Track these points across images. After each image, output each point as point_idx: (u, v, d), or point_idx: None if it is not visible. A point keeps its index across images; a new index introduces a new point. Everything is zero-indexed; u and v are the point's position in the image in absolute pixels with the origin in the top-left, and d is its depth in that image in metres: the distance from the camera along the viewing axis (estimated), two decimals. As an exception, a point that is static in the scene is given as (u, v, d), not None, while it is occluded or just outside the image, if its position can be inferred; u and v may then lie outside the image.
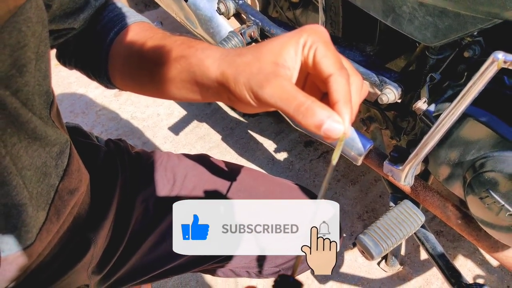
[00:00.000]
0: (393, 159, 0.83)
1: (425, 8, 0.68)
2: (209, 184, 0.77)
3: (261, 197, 0.76)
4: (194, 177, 0.77)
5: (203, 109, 1.73)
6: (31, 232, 0.49)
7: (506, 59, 0.55)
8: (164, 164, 0.77)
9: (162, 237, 0.73)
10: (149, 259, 0.74)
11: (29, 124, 0.44)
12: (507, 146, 0.67)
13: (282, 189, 0.80)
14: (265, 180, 0.81)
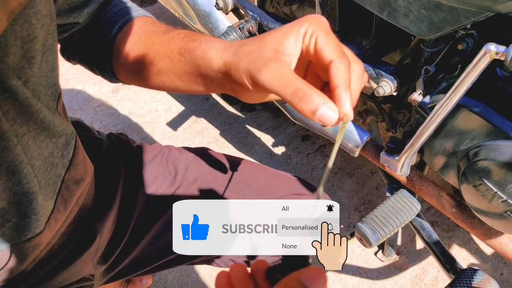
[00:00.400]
0: (390, 150, 0.85)
1: (419, 1, 0.69)
2: (210, 176, 0.79)
3: (260, 189, 0.78)
4: (195, 169, 0.78)
5: (201, 104, 1.74)
6: (41, 220, 0.50)
7: (497, 51, 0.57)
8: (166, 157, 0.79)
9: (164, 229, 0.75)
10: (151, 250, 0.76)
11: (38, 115, 0.46)
12: (500, 135, 0.69)
13: (281, 180, 0.82)
14: (264, 172, 0.83)
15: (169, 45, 0.51)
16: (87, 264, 0.67)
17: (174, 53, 0.50)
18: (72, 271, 0.64)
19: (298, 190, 0.81)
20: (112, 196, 0.70)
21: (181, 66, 0.49)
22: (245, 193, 0.78)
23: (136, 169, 0.75)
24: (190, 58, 0.48)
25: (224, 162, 0.82)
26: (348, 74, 0.38)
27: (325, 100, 0.36)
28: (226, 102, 1.75)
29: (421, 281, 1.26)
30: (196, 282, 1.29)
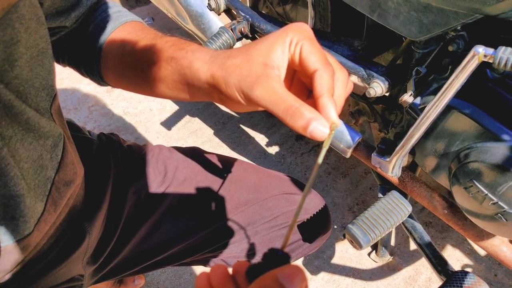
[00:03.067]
0: (381, 151, 0.85)
1: (409, 3, 0.69)
2: (199, 175, 0.78)
3: (251, 188, 0.78)
4: (185, 169, 0.78)
5: (195, 104, 1.74)
6: (29, 223, 0.50)
7: (486, 53, 0.57)
8: (156, 157, 0.79)
9: (154, 228, 0.75)
10: (141, 249, 0.75)
11: (23, 116, 0.45)
12: (490, 137, 0.69)
13: (272, 180, 0.82)
14: (255, 171, 0.82)
15: (156, 53, 0.51)
16: (77, 264, 0.67)
17: (161, 61, 0.50)
18: (61, 271, 0.63)
19: (289, 189, 0.81)
20: (101, 196, 0.69)
21: (168, 75, 0.49)
22: (235, 192, 0.78)
23: (126, 169, 0.75)
24: (177, 67, 0.48)
25: (214, 161, 0.82)
26: (332, 83, 0.39)
27: (316, 116, 0.37)
28: (220, 102, 1.75)
29: (414, 282, 1.26)
30: (189, 283, 1.29)
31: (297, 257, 0.84)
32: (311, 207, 0.81)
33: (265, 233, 0.78)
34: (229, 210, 0.77)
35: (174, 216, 0.75)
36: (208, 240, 0.77)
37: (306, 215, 0.80)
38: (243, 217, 0.77)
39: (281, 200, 0.78)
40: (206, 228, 0.76)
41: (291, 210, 0.78)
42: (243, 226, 0.77)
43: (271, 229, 0.78)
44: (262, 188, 0.79)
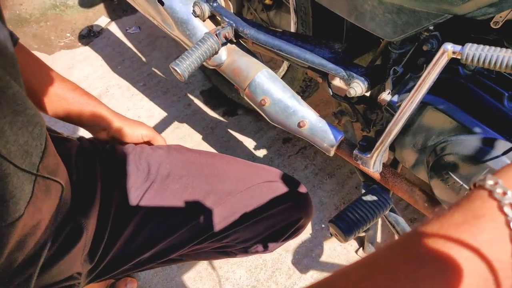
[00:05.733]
0: (362, 147, 0.88)
1: (384, 5, 0.73)
2: (183, 170, 0.81)
3: (233, 179, 0.81)
4: (168, 165, 0.81)
5: (183, 110, 1.76)
6: (19, 204, 0.50)
7: (454, 50, 0.60)
8: (138, 155, 0.81)
9: (141, 224, 0.77)
10: (131, 246, 0.78)
11: (9, 90, 0.47)
12: (463, 130, 0.73)
13: (254, 170, 0.85)
14: (237, 163, 0.86)
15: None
16: (76, 261, 0.69)
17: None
18: (61, 267, 0.65)
19: (271, 177, 0.85)
20: (93, 192, 0.72)
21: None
22: (218, 184, 0.81)
23: (111, 168, 0.78)
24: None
25: (197, 156, 0.85)
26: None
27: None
28: (208, 107, 1.77)
29: (401, 277, 1.29)
30: (181, 285, 1.30)
31: (283, 243, 0.88)
32: (294, 193, 0.85)
33: (250, 221, 0.81)
34: (213, 202, 0.80)
35: (159, 211, 0.78)
36: (195, 232, 0.80)
37: (289, 202, 0.84)
38: (228, 207, 0.80)
39: (264, 189, 0.82)
40: (192, 220, 0.79)
41: (273, 198, 0.82)
42: (228, 216, 0.80)
43: (256, 216, 0.81)
44: (245, 178, 0.82)
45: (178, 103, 1.79)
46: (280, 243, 0.91)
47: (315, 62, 0.93)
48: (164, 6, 1.06)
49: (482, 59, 0.57)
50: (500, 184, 0.29)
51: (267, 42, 0.96)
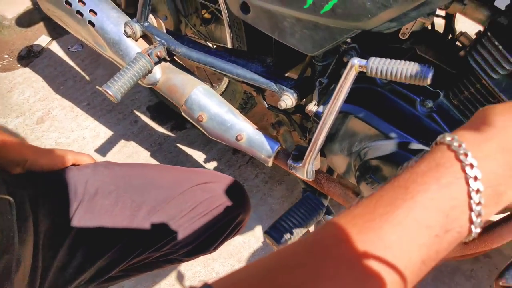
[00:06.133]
0: (295, 157, 0.92)
1: (301, 22, 0.77)
2: (111, 185, 0.82)
3: (166, 186, 0.83)
4: (96, 182, 0.81)
5: (130, 128, 1.75)
6: None
7: (360, 64, 0.65)
8: (64, 177, 0.81)
9: (75, 245, 0.77)
10: (68, 270, 0.77)
11: None
12: (381, 136, 0.78)
13: (188, 175, 0.88)
14: (170, 170, 0.88)
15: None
16: None
17: None
18: None
19: (204, 179, 0.88)
20: (24, 222, 0.71)
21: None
22: (149, 194, 0.82)
23: (35, 193, 0.77)
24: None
25: (126, 169, 0.86)
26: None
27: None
28: (155, 123, 1.77)
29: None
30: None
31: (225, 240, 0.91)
32: (229, 191, 0.88)
33: (187, 224, 0.83)
34: (147, 211, 0.81)
35: (92, 230, 0.78)
36: (132, 245, 0.80)
37: (225, 200, 0.87)
38: (163, 215, 0.81)
39: (198, 191, 0.84)
40: (127, 234, 0.79)
41: (208, 198, 0.84)
42: (164, 224, 0.81)
43: (192, 219, 0.83)
44: (178, 183, 0.84)
45: (124, 120, 1.78)
46: (222, 241, 0.93)
47: (247, 77, 0.96)
48: (95, 27, 1.06)
49: (384, 72, 0.61)
50: (456, 139, 0.37)
51: (199, 59, 0.98)
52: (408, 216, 0.34)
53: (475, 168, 0.35)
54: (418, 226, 0.34)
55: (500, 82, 0.70)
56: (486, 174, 0.36)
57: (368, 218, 0.35)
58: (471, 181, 0.35)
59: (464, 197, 0.35)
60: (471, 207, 0.35)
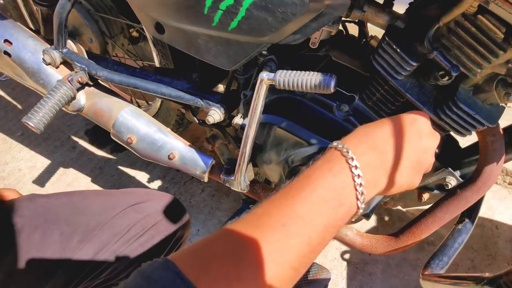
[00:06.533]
0: (227, 170, 0.92)
1: (214, 39, 0.78)
2: (38, 218, 0.79)
3: (97, 212, 0.81)
4: (21, 218, 0.79)
5: (68, 154, 1.70)
6: None
7: (269, 78, 0.66)
8: None
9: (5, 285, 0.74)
10: None
11: None
12: (303, 143, 0.80)
13: (117, 197, 0.86)
14: (98, 195, 0.86)
15: None
16: None
17: None
18: None
19: (136, 200, 0.86)
20: None
21: None
22: (80, 221, 0.80)
23: None
24: None
25: (51, 200, 0.84)
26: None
27: None
28: (94, 147, 1.72)
29: (302, 279, 1.35)
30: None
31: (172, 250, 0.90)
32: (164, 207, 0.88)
33: (123, 248, 0.81)
34: (80, 241, 0.79)
35: (24, 268, 0.75)
36: (67, 277, 0.78)
37: (161, 217, 0.86)
38: (96, 241, 0.79)
39: (130, 213, 0.83)
40: (60, 266, 0.77)
41: (142, 219, 0.83)
42: (98, 250, 0.79)
43: (128, 242, 0.81)
44: (109, 207, 0.82)
45: (62, 147, 1.72)
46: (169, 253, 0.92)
47: (172, 95, 0.95)
48: (11, 57, 1.03)
49: (290, 83, 0.63)
50: (340, 143, 0.52)
51: (122, 81, 0.97)
52: (312, 195, 0.47)
53: (355, 160, 0.49)
54: (319, 202, 0.47)
55: (404, 83, 0.73)
56: (363, 165, 0.50)
57: (284, 199, 0.47)
58: (353, 169, 0.49)
59: (350, 181, 0.49)
60: (356, 188, 0.49)
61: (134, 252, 0.84)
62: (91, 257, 0.80)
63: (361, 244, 0.94)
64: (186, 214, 0.93)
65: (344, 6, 0.64)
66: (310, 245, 0.46)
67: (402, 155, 0.54)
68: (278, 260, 0.43)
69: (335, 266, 1.36)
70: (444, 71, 0.70)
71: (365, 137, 0.53)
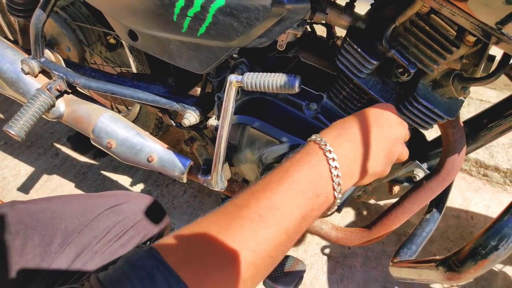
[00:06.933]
0: (204, 170, 0.95)
1: (185, 45, 0.81)
2: (18, 224, 0.81)
3: (75, 215, 0.83)
4: (1, 224, 0.80)
5: (51, 161, 1.71)
6: None
7: (237, 80, 0.70)
8: None
9: None
10: None
11: None
12: (275, 142, 0.84)
13: (95, 200, 0.88)
14: (77, 199, 0.88)
15: None
16: None
17: None
18: None
19: (114, 202, 0.89)
20: None
21: None
22: (59, 225, 0.82)
23: None
24: None
25: (30, 206, 0.85)
26: None
27: None
28: (77, 153, 1.74)
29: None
30: None
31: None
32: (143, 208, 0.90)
33: (104, 249, 0.83)
34: (60, 245, 0.81)
35: (4, 273, 0.77)
36: (49, 281, 0.80)
37: (140, 218, 0.88)
38: (76, 245, 0.81)
39: (110, 215, 0.85)
40: (42, 271, 0.79)
41: (121, 220, 0.86)
42: (79, 254, 0.81)
43: (108, 244, 0.84)
44: (88, 211, 0.84)
45: (45, 154, 1.73)
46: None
47: (148, 99, 0.98)
48: (-11, 68, 1.04)
49: (257, 85, 0.67)
50: (318, 136, 0.54)
51: (99, 88, 0.99)
52: (289, 187, 0.49)
53: (332, 153, 0.52)
54: (297, 193, 0.49)
55: (367, 80, 0.77)
56: (340, 157, 0.52)
57: (263, 191, 0.49)
58: (331, 161, 0.51)
59: (327, 173, 0.52)
60: (333, 179, 0.51)
61: (115, 253, 0.87)
62: (72, 260, 0.82)
63: (336, 237, 0.98)
64: (165, 214, 0.95)
65: (304, 9, 0.68)
66: (287, 234, 0.48)
67: (377, 145, 0.57)
68: (256, 249, 0.46)
69: (315, 261, 1.40)
70: (403, 68, 0.74)
71: (342, 130, 0.56)
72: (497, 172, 1.72)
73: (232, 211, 0.48)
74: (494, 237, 0.54)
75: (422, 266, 0.66)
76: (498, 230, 0.55)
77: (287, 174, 0.51)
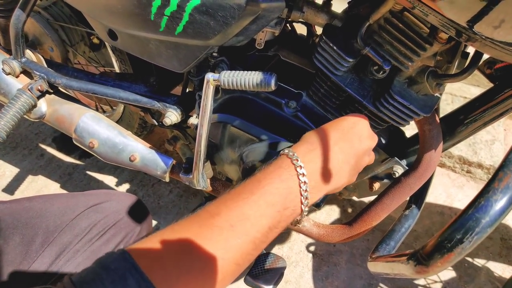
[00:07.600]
0: (186, 169, 0.96)
1: (164, 44, 0.81)
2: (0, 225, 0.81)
3: (57, 214, 0.83)
4: None
5: (37, 162, 1.70)
6: None
7: (214, 78, 0.70)
8: None
9: None
10: None
11: None
12: (255, 140, 0.84)
13: (77, 199, 0.88)
14: (58, 198, 0.88)
15: None
16: None
17: None
18: None
19: (95, 201, 0.89)
20: None
21: None
22: (40, 224, 0.82)
23: None
24: None
25: (12, 206, 0.85)
26: None
27: None
28: (62, 153, 1.73)
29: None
30: None
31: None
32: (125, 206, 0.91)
33: (86, 247, 0.83)
34: (41, 244, 0.81)
35: None
36: (31, 280, 0.80)
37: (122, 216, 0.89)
38: (57, 244, 0.81)
39: (91, 213, 0.86)
40: (22, 270, 0.79)
41: (103, 218, 0.86)
42: (60, 253, 0.82)
43: (90, 242, 0.84)
44: (69, 210, 0.85)
45: (30, 155, 1.72)
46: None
47: (130, 99, 0.98)
48: (-31, 68, 1.04)
49: (234, 83, 0.67)
50: (291, 150, 0.57)
51: (81, 87, 0.99)
52: (260, 199, 0.52)
53: (303, 168, 0.55)
54: (266, 205, 0.52)
55: (344, 78, 0.78)
56: (309, 172, 0.55)
57: (235, 200, 0.52)
58: (301, 176, 0.54)
59: (296, 187, 0.55)
60: (301, 193, 0.54)
61: (97, 251, 0.87)
62: (54, 258, 0.82)
63: (318, 233, 0.99)
64: (148, 212, 0.96)
65: (279, 8, 0.68)
66: (254, 243, 0.51)
67: (344, 160, 0.60)
68: (224, 257, 0.48)
69: (301, 259, 1.41)
70: (378, 66, 0.75)
71: (313, 146, 0.58)
72: (481, 169, 1.74)
73: (205, 219, 0.50)
74: (459, 230, 0.55)
75: (395, 260, 0.68)
76: (463, 223, 0.56)
77: (259, 185, 0.53)
